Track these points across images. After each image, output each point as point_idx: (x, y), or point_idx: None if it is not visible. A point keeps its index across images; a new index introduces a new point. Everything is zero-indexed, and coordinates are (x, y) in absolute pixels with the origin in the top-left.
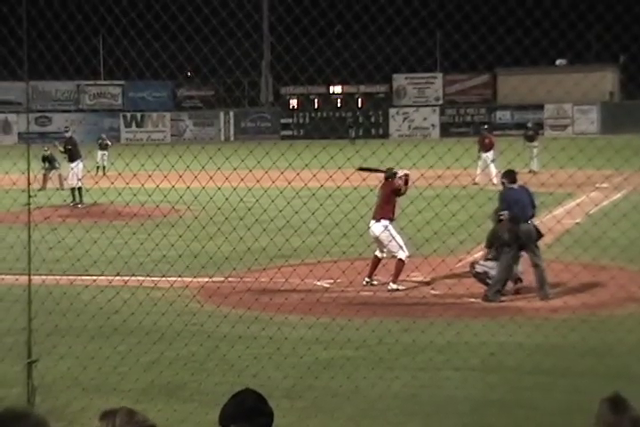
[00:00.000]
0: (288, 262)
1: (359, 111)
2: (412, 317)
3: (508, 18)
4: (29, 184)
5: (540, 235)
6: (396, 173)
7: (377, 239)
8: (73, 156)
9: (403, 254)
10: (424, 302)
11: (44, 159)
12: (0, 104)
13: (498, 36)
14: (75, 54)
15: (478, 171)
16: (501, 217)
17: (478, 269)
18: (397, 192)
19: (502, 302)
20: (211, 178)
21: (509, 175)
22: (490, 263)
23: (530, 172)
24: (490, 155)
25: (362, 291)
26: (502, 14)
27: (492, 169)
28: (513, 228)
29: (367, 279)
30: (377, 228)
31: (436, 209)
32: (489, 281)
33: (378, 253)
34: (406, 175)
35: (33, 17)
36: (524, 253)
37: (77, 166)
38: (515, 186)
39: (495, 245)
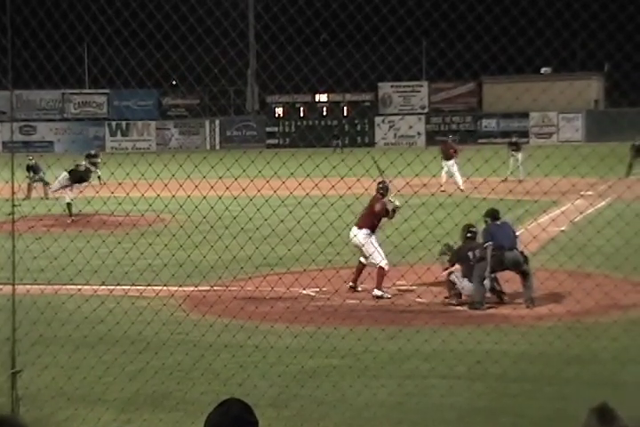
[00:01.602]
0: (274, 271)
1: (345, 119)
2: (397, 325)
3: (494, 26)
4: (13, 193)
5: (526, 260)
6: (388, 189)
7: (359, 247)
8: (81, 179)
9: (384, 262)
10: (410, 309)
11: (29, 168)
12: None
13: (483, 44)
14: (60, 63)
15: (444, 179)
16: (486, 248)
17: (452, 277)
18: (385, 215)
19: (488, 309)
20: (196, 187)
21: (492, 214)
22: (465, 281)
23: (504, 180)
24: (452, 163)
25: (348, 299)
26: (487, 23)
27: (458, 176)
28: (498, 255)
29: (351, 284)
30: (360, 236)
31: (422, 217)
32: (454, 291)
33: (362, 260)
34: (397, 208)
35: (17, 25)
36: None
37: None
38: (497, 222)
39: (458, 262)
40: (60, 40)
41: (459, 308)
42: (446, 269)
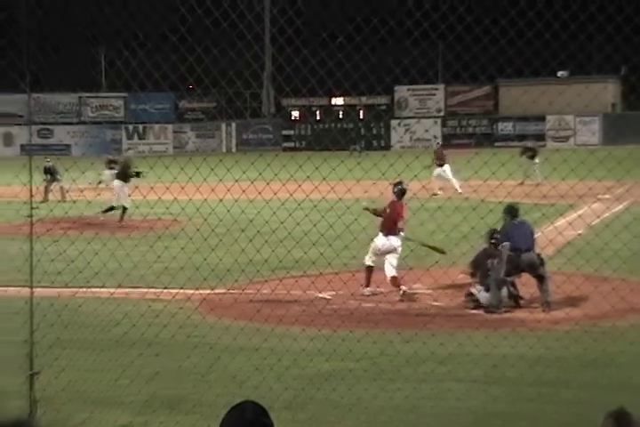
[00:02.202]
0: (290, 274)
1: (361, 123)
2: (413, 328)
3: (510, 29)
4: (32, 196)
5: (542, 262)
6: (404, 191)
7: (388, 251)
8: (124, 175)
9: (395, 271)
10: (426, 313)
11: (46, 171)
12: (2, 117)
13: (500, 47)
14: (77, 66)
15: (437, 183)
16: (501, 247)
17: (473, 290)
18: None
19: (504, 313)
20: (212, 190)
21: (511, 210)
22: (482, 293)
23: (521, 184)
24: (447, 167)
25: (363, 302)
26: (504, 26)
27: (454, 179)
28: (514, 257)
29: (369, 289)
30: (396, 241)
31: (439, 220)
32: (476, 303)
33: (370, 262)
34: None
35: (34, 29)
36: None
37: (127, 185)
38: (515, 221)
39: (478, 271)
40: (77, 43)
41: (474, 312)
42: (465, 272)
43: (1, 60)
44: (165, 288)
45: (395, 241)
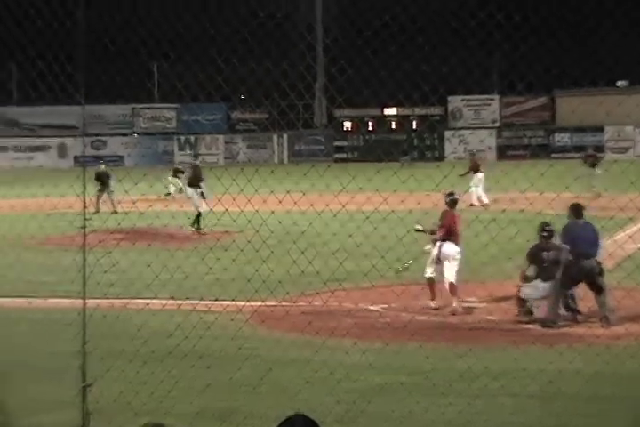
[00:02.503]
0: (342, 286)
1: (414, 133)
2: (467, 343)
3: (567, 39)
4: (85, 207)
5: (601, 272)
6: (455, 201)
7: (446, 259)
8: (197, 180)
9: (455, 278)
10: (480, 327)
11: (98, 177)
12: (57, 128)
13: (556, 57)
14: (130, 78)
15: (477, 195)
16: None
17: (521, 294)
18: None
19: (561, 328)
20: (264, 201)
21: (576, 209)
22: (532, 291)
23: (598, 197)
24: (482, 176)
25: (417, 315)
26: (561, 36)
27: (482, 191)
28: (576, 263)
29: (435, 302)
30: (453, 248)
31: (493, 233)
32: (530, 308)
33: (430, 274)
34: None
35: (89, 40)
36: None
37: (197, 192)
38: (580, 221)
39: (531, 262)
40: (131, 55)
41: (530, 326)
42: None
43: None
44: (217, 300)
45: (452, 248)
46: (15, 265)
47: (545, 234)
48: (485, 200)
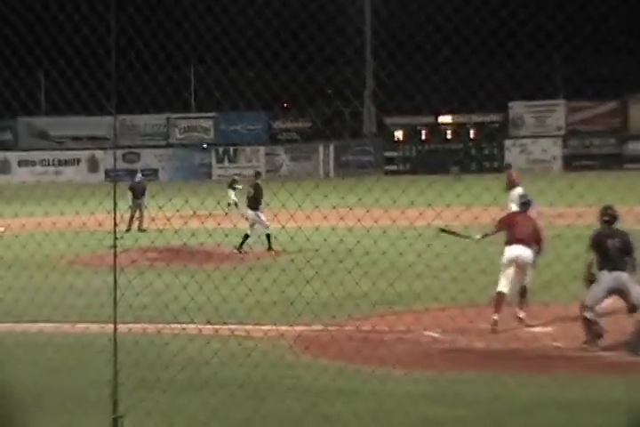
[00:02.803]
0: (392, 309)
1: (471, 143)
2: (530, 371)
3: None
4: (115, 225)
5: None
6: (529, 203)
7: (523, 267)
8: (256, 202)
9: (506, 289)
10: (544, 354)
11: (132, 188)
12: (87, 140)
13: (628, 57)
14: (165, 85)
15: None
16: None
17: (587, 315)
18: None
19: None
20: (308, 217)
21: None
22: (597, 292)
23: None
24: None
25: (474, 341)
26: (635, 34)
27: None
28: None
29: (496, 316)
30: (527, 252)
31: (558, 250)
32: (599, 331)
33: (505, 290)
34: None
35: (121, 47)
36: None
37: (258, 214)
38: None
39: (594, 251)
40: (166, 62)
41: (600, 353)
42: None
43: (89, 80)
44: (257, 324)
45: (525, 252)
46: (42, 287)
47: (607, 219)
48: None
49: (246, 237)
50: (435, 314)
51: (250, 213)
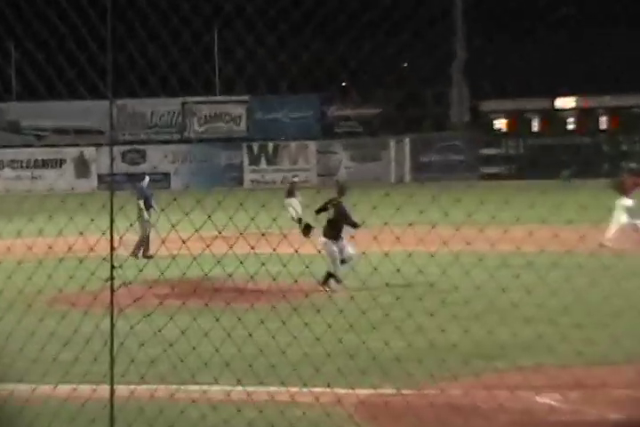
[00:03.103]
0: (492, 366)
1: (603, 135)
2: None
3: None
4: (112, 249)
5: None
6: None
7: None
8: (329, 233)
9: None
10: None
11: (145, 197)
12: (74, 133)
13: None
14: (180, 59)
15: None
16: None
17: None
18: None
19: None
20: (375, 238)
21: None
22: None
23: None
24: (630, 202)
25: (607, 412)
26: None
27: (619, 223)
28: None
29: None
30: None
31: (605, 286)
32: None
33: None
34: None
35: (121, 4)
36: None
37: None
38: None
39: None
40: (181, 24)
41: None
42: None
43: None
44: (305, 385)
45: None
46: (14, 334)
47: None
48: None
49: (329, 275)
50: (552, 373)
51: (327, 243)
